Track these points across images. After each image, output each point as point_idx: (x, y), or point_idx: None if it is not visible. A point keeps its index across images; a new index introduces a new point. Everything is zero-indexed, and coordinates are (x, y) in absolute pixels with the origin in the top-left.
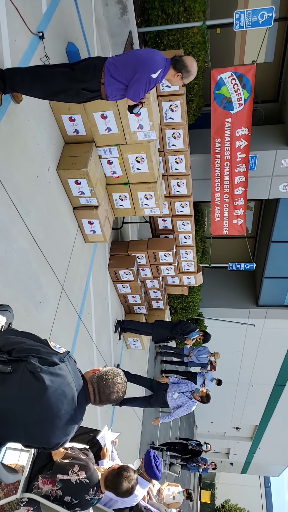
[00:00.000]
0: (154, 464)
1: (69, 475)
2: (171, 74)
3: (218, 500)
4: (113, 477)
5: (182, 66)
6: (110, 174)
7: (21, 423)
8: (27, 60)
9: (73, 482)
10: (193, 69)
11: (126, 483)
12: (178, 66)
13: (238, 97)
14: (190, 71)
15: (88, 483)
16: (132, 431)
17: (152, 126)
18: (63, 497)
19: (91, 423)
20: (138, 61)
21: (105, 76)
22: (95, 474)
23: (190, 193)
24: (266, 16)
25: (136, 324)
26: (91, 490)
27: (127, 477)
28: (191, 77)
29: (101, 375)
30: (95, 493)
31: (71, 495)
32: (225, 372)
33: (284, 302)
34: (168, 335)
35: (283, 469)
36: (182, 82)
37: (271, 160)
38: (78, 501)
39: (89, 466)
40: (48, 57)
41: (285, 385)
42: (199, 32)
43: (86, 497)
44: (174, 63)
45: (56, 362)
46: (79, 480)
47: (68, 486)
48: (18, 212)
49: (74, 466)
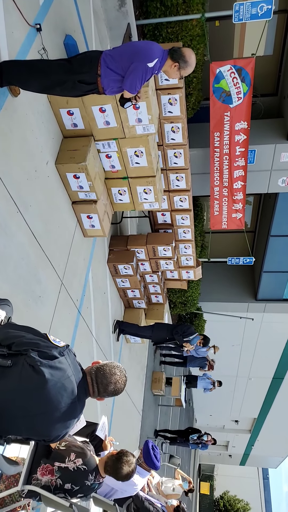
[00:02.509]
0: (153, 454)
1: (66, 463)
2: (168, 65)
3: (217, 491)
4: (113, 462)
5: (180, 56)
6: (109, 168)
7: (21, 416)
8: (24, 52)
9: (71, 470)
10: (191, 60)
11: (126, 467)
12: (176, 56)
13: (237, 91)
14: (188, 61)
15: (86, 469)
16: (131, 424)
17: (151, 119)
18: (63, 485)
19: (91, 416)
20: (135, 51)
21: (101, 68)
22: (92, 460)
23: (189, 187)
24: (265, 9)
25: (135, 328)
26: (90, 476)
27: (126, 462)
28: (189, 68)
29: (99, 366)
30: (95, 478)
31: (70, 482)
32: (224, 365)
33: (282, 296)
34: (167, 336)
35: (281, 461)
36: (180, 73)
37: (270, 154)
38: (78, 487)
39: (85, 453)
40: (45, 49)
41: (283, 378)
42: (198, 24)
43: (86, 482)
44: (172, 53)
45: (55, 356)
46: (77, 467)
47: (66, 474)
48: (17, 206)
49: (70, 454)
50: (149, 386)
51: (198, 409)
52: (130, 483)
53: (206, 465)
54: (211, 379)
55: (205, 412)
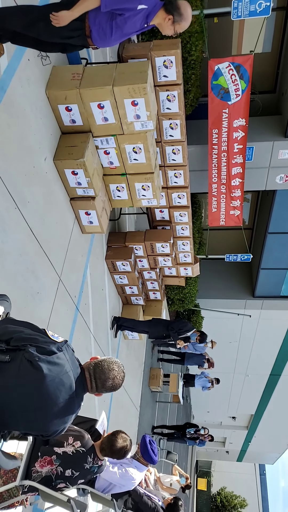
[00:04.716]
0: (150, 449)
1: (65, 447)
2: (161, 17)
3: (214, 487)
4: (108, 438)
5: (174, 8)
6: (107, 165)
7: (19, 411)
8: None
9: (70, 454)
10: (187, 13)
11: (121, 441)
12: (170, 8)
13: (235, 88)
14: (183, 14)
15: (84, 451)
16: (129, 420)
17: (149, 116)
18: (63, 472)
19: (89, 413)
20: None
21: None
22: (89, 442)
23: (187, 184)
24: (264, 6)
25: (132, 322)
26: (88, 458)
27: (121, 437)
28: (183, 23)
29: (98, 362)
30: (93, 460)
31: (71, 467)
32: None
33: (280, 293)
34: (164, 332)
35: (278, 457)
36: (174, 28)
37: (268, 152)
38: (78, 472)
39: (83, 435)
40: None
41: (280, 375)
42: (196, 21)
43: (85, 465)
44: (166, 5)
45: (54, 351)
46: (75, 450)
47: (66, 459)
48: (15, 202)
49: (68, 438)
50: (147, 383)
51: (195, 406)
52: (128, 477)
53: (203, 461)
54: (208, 377)
55: (202, 409)
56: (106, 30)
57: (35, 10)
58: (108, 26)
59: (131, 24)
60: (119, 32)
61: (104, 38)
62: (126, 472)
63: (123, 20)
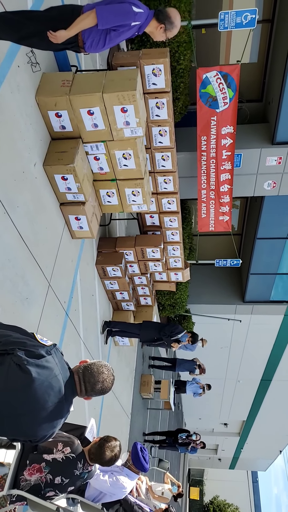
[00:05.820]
0: (142, 456)
1: (55, 454)
2: (153, 26)
3: (206, 496)
4: (96, 449)
5: (165, 17)
6: (97, 170)
7: (7, 415)
8: None
9: (60, 460)
10: (177, 21)
11: (108, 452)
12: (161, 17)
13: (223, 96)
14: (174, 22)
15: (74, 457)
16: (120, 427)
17: (139, 123)
18: (53, 480)
19: (79, 419)
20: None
21: (84, 11)
22: (79, 447)
23: (177, 190)
24: (249, 18)
25: (123, 325)
26: (78, 464)
27: (109, 447)
28: (174, 30)
29: (87, 365)
30: (83, 466)
31: (60, 474)
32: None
33: (269, 298)
34: (155, 336)
35: (270, 463)
36: (165, 35)
37: (256, 158)
38: (68, 479)
39: (73, 441)
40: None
41: (271, 380)
42: (184, 31)
43: (75, 472)
44: (157, 14)
45: (42, 355)
46: (65, 456)
47: (55, 466)
48: (4, 207)
49: (57, 444)
50: (138, 390)
51: (187, 413)
52: (119, 485)
53: (195, 469)
54: (200, 383)
55: (194, 416)
56: (99, 42)
57: (30, 26)
58: (102, 39)
59: (124, 37)
60: (112, 44)
61: (96, 48)
62: (117, 481)
63: (117, 34)
